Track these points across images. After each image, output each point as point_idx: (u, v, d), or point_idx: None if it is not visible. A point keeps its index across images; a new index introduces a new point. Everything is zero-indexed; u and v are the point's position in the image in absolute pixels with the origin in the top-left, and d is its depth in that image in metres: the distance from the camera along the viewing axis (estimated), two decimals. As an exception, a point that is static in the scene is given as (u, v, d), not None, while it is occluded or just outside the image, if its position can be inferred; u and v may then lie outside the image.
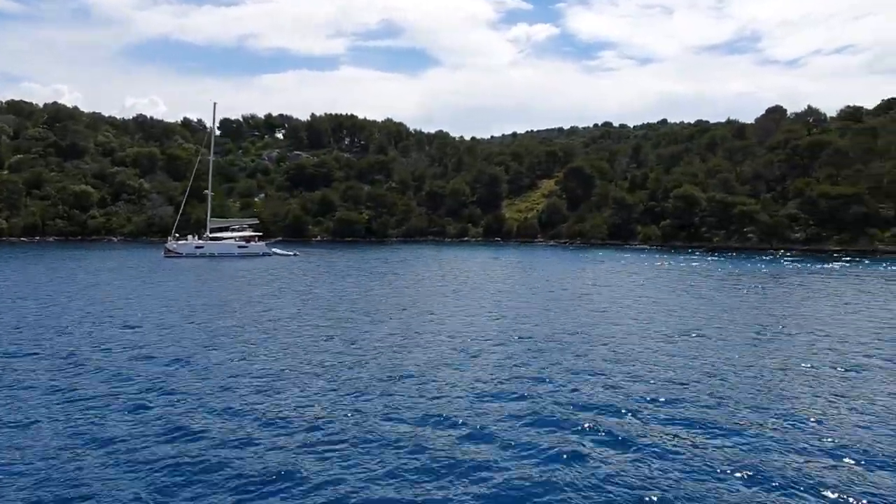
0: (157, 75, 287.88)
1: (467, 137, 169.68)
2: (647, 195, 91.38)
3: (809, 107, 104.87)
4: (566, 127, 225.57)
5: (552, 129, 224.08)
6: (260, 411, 13.59)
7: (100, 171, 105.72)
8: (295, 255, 62.32)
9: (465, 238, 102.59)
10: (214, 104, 79.63)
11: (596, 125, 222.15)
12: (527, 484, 10.20)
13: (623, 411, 13.63)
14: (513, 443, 11.85)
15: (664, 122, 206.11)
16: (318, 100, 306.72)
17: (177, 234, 64.04)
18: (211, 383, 15.74)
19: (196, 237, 64.52)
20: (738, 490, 10.02)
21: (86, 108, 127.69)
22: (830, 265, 54.74)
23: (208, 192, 68.62)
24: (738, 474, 10.55)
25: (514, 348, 20.07)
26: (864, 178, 71.24)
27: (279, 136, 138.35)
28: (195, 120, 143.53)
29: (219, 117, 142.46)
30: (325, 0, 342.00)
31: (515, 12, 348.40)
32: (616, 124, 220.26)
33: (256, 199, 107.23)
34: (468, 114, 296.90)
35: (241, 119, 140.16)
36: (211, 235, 65.45)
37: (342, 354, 19.12)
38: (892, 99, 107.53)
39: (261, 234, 69.86)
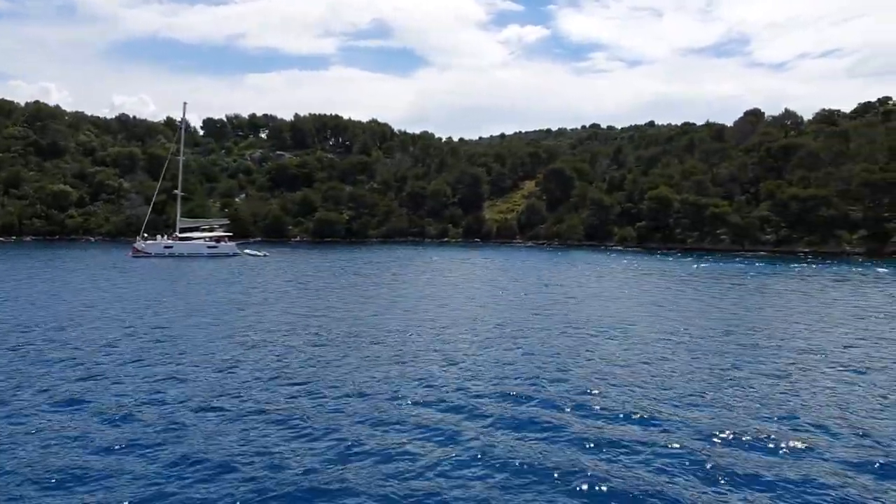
0: (146, 74, 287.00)
1: (457, 138, 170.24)
2: (625, 196, 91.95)
3: (787, 110, 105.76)
4: (554, 128, 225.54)
5: (540, 131, 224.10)
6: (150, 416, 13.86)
7: (80, 170, 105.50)
8: (265, 255, 62.48)
9: (446, 239, 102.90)
10: (185, 104, 79.98)
11: (584, 126, 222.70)
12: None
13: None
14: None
15: (651, 123, 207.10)
16: (308, 100, 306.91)
17: (145, 234, 64.11)
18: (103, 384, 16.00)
19: (165, 237, 64.53)
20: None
21: (73, 107, 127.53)
22: (789, 266, 55.38)
23: (178, 192, 68.57)
24: (704, 471, 10.87)
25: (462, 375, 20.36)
26: (833, 180, 71.92)
27: (263, 136, 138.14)
28: (178, 120, 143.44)
29: (204, 117, 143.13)
30: (314, 1, 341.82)
31: (506, 13, 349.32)
32: (604, 126, 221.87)
33: (237, 199, 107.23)
34: (459, 114, 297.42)
35: (224, 119, 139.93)
36: (180, 235, 65.52)
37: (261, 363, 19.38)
38: (868, 102, 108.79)
39: (231, 234, 69.94)
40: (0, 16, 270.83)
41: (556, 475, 10.63)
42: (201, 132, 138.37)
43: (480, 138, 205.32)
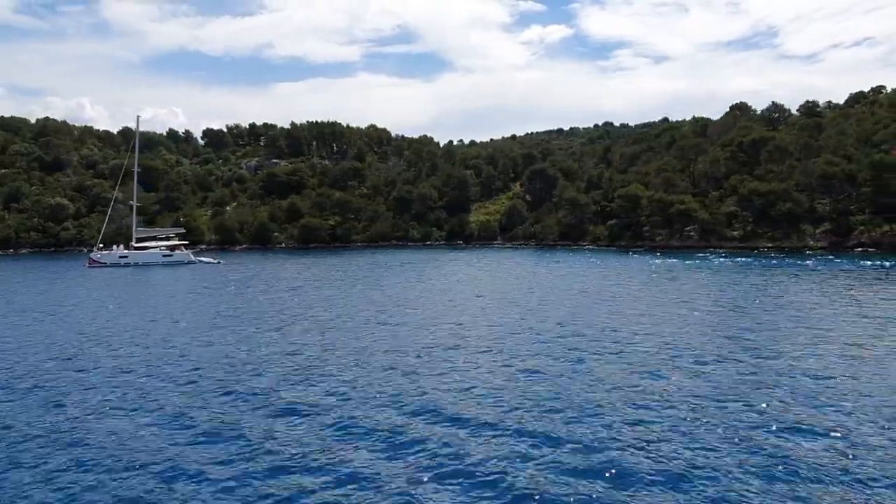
0: (176, 86, 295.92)
1: (479, 140, 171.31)
2: (601, 195, 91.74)
3: (774, 103, 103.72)
4: (566, 128, 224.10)
5: (552, 131, 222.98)
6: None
7: (79, 183, 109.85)
8: (219, 262, 64.53)
9: (429, 242, 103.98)
10: (138, 117, 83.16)
11: (596, 126, 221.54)
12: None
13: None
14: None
15: (665, 120, 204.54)
16: (333, 107, 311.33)
17: (101, 245, 66.82)
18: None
19: (121, 247, 67.09)
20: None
21: (106, 121, 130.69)
22: (733, 261, 54.86)
23: (133, 202, 71.18)
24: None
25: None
26: (797, 174, 70.69)
27: (263, 144, 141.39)
28: (182, 131, 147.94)
29: (221, 125, 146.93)
30: (338, 7, 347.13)
31: (528, 14, 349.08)
32: (617, 124, 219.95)
33: (228, 208, 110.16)
34: (481, 117, 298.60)
35: (224, 129, 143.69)
36: (136, 245, 68.04)
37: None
38: (861, 92, 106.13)
39: (186, 242, 72.21)
40: (36, 34, 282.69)
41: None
42: (202, 142, 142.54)
43: (491, 139, 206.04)
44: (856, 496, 9.88)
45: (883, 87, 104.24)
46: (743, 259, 58.47)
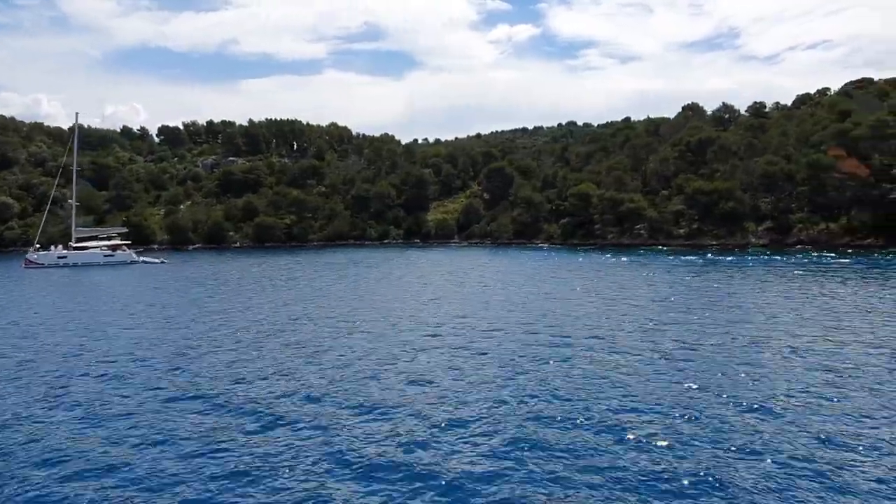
0: (138, 83, 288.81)
1: (450, 139, 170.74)
2: (556, 194, 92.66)
3: (724, 103, 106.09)
4: (531, 127, 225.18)
5: (517, 130, 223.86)
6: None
7: (26, 182, 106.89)
8: (162, 262, 63.51)
9: (386, 241, 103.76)
10: (77, 114, 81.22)
11: (560, 125, 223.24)
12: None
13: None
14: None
15: (627, 119, 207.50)
16: (301, 104, 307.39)
17: (38, 245, 65.18)
18: None
19: (59, 247, 65.53)
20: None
21: (66, 117, 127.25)
22: (666, 258, 56.01)
23: (72, 201, 69.63)
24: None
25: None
26: (740, 173, 72.44)
27: (219, 142, 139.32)
28: (137, 128, 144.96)
29: (176, 123, 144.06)
30: (305, 4, 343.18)
31: (496, 13, 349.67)
32: (580, 123, 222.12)
33: (182, 207, 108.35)
34: (450, 115, 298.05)
35: (181, 126, 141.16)
36: (75, 245, 66.53)
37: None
38: (807, 94, 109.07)
39: (129, 242, 70.90)
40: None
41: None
42: (157, 140, 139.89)
43: (456, 138, 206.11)
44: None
45: (828, 89, 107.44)
46: (680, 257, 59.69)
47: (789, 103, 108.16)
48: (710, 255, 61.19)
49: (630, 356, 18.64)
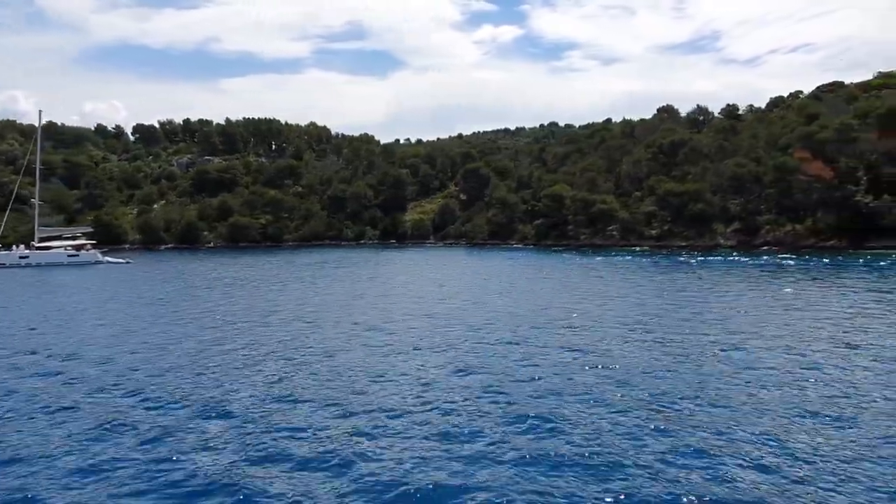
0: (117, 80, 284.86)
1: (433, 139, 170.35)
2: (531, 195, 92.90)
3: (699, 105, 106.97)
4: (513, 128, 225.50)
5: (499, 130, 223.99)
6: None
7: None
8: (127, 262, 62.80)
9: (363, 241, 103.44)
10: (40, 111, 79.96)
11: (542, 125, 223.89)
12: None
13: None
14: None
15: (608, 121, 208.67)
16: (283, 104, 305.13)
17: (-1, 245, 64.25)
18: None
19: (22, 247, 64.54)
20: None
21: (43, 115, 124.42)
22: (634, 258, 56.40)
23: (34, 200, 68.63)
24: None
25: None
26: (710, 175, 73.12)
27: (195, 141, 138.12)
28: (112, 126, 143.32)
29: (154, 122, 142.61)
30: (288, 2, 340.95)
31: (480, 13, 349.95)
32: (562, 124, 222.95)
33: (156, 206, 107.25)
34: (435, 115, 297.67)
35: (156, 125, 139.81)
36: (38, 245, 65.56)
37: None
38: (780, 97, 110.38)
39: (94, 242, 70.04)
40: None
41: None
42: (133, 138, 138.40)
43: (438, 139, 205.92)
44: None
45: (801, 92, 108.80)
46: (644, 258, 60.13)
47: (763, 106, 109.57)
48: (679, 256, 61.67)
49: (563, 353, 18.70)
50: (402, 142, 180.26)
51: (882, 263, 47.28)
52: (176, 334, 23.76)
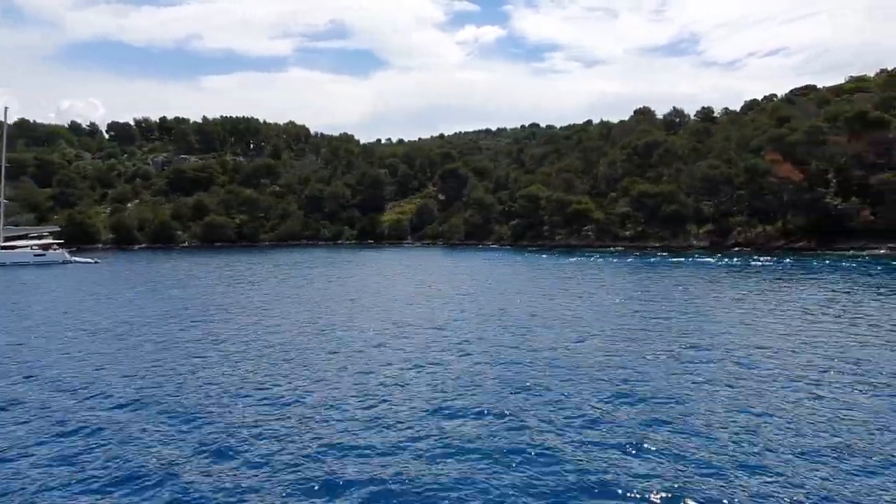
0: (96, 78, 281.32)
1: (415, 139, 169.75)
2: (508, 195, 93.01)
3: (674, 108, 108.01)
4: (494, 128, 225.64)
5: (480, 131, 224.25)
6: None
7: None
8: (95, 262, 61.83)
9: (340, 241, 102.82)
10: (6, 108, 78.58)
11: (523, 126, 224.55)
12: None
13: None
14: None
15: (589, 122, 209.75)
16: (265, 102, 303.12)
17: (-37, 244, 62.90)
18: None
19: None
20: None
21: (19, 113, 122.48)
22: (596, 258, 56.68)
23: (0, 199, 67.31)
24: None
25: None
26: (683, 176, 73.72)
27: (171, 139, 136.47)
28: (87, 124, 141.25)
29: (125, 119, 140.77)
30: (270, 0, 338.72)
31: (463, 14, 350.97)
32: (543, 125, 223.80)
33: (130, 205, 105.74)
34: (418, 115, 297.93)
35: (132, 122, 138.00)
36: (2, 245, 64.28)
37: None
38: (754, 100, 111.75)
39: (61, 241, 68.87)
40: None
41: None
42: (107, 136, 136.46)
43: (420, 139, 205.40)
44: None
45: (775, 95, 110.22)
46: (620, 258, 60.46)
47: (738, 108, 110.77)
48: (651, 257, 62.06)
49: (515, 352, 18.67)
50: (383, 142, 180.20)
51: (844, 264, 47.96)
52: (129, 334, 23.37)
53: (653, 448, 11.29)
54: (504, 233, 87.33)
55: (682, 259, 58.24)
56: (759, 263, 51.53)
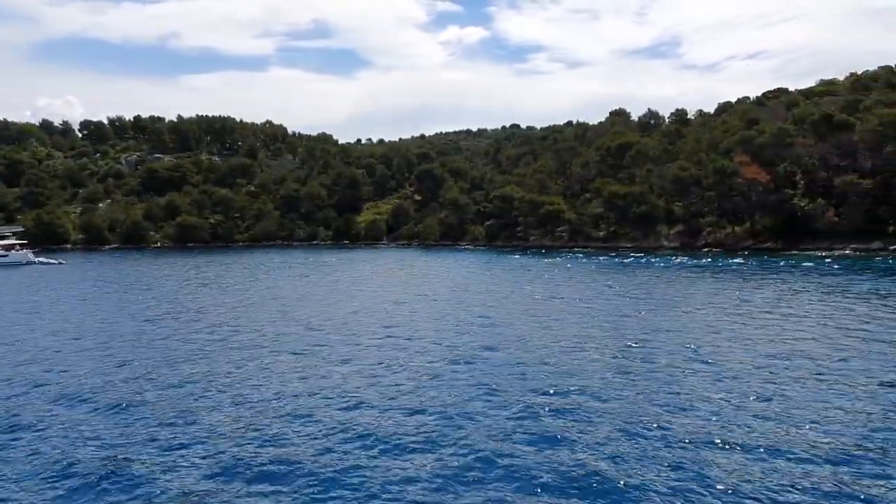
0: (73, 75, 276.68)
1: (396, 139, 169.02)
2: (483, 196, 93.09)
3: (650, 109, 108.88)
4: (475, 129, 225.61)
5: (461, 131, 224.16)
6: None
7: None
8: (60, 263, 60.92)
9: (315, 242, 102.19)
10: None
11: (504, 127, 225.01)
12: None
13: None
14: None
15: (569, 123, 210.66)
16: (246, 101, 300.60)
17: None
18: None
19: None
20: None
21: None
22: (561, 258, 57.00)
23: None
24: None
25: None
26: (655, 177, 74.28)
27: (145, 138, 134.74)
28: (59, 122, 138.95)
29: (94, 117, 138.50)
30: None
31: (446, 14, 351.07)
32: (524, 126, 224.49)
33: (101, 205, 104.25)
34: (400, 115, 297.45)
35: (105, 121, 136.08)
36: None
37: None
38: (728, 102, 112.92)
39: (25, 241, 67.74)
40: None
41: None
42: (80, 135, 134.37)
43: (400, 139, 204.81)
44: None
45: (748, 97, 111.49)
46: (591, 258, 60.79)
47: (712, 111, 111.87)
48: (618, 258, 62.46)
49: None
50: (364, 142, 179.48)
51: (806, 265, 48.60)
52: (71, 333, 23.01)
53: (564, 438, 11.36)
54: (479, 233, 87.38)
55: (652, 259, 58.69)
56: (721, 264, 52.12)
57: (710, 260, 56.52)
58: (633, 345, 19.83)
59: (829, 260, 52.44)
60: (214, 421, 13.09)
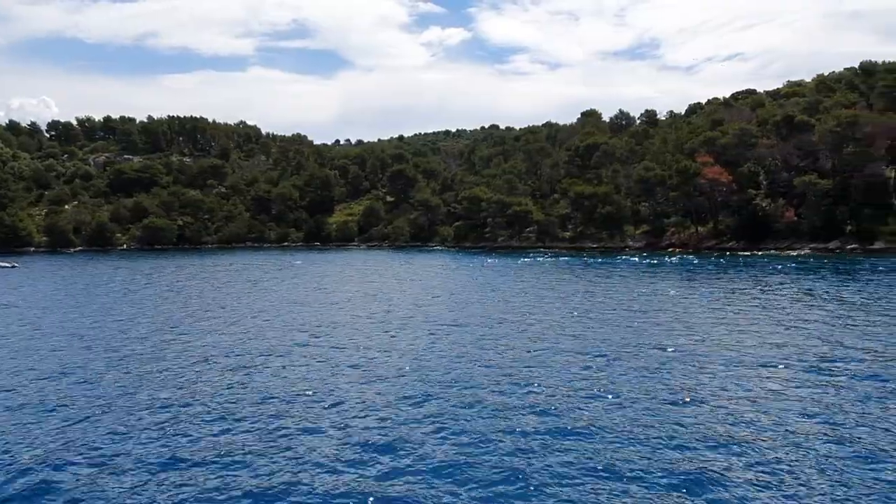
0: (48, 75, 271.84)
1: (375, 139, 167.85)
2: (453, 196, 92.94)
3: (621, 110, 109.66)
4: (454, 129, 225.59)
5: (439, 132, 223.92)
6: None
7: None
8: (13, 266, 59.66)
9: (286, 243, 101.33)
10: None
11: (483, 128, 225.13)
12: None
13: None
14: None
15: (548, 124, 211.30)
16: (225, 102, 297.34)
17: None
18: None
19: None
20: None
21: None
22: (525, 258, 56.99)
23: None
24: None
25: None
26: (621, 178, 74.67)
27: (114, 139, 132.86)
28: (27, 123, 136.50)
29: (71, 118, 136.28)
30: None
31: (428, 15, 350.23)
32: (503, 127, 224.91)
33: (67, 207, 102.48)
34: (382, 116, 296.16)
35: (74, 121, 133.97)
36: None
37: None
38: (697, 103, 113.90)
39: None
40: None
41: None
42: (48, 136, 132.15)
43: (379, 140, 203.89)
44: None
45: (717, 98, 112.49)
46: (555, 259, 60.82)
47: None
48: (580, 258, 62.54)
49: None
50: (342, 143, 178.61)
51: (762, 262, 49.02)
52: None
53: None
54: (448, 234, 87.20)
55: (615, 260, 58.80)
56: (674, 263, 52.35)
57: (673, 261, 56.69)
58: (597, 343, 20.22)
59: (786, 259, 52.89)
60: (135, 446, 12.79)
